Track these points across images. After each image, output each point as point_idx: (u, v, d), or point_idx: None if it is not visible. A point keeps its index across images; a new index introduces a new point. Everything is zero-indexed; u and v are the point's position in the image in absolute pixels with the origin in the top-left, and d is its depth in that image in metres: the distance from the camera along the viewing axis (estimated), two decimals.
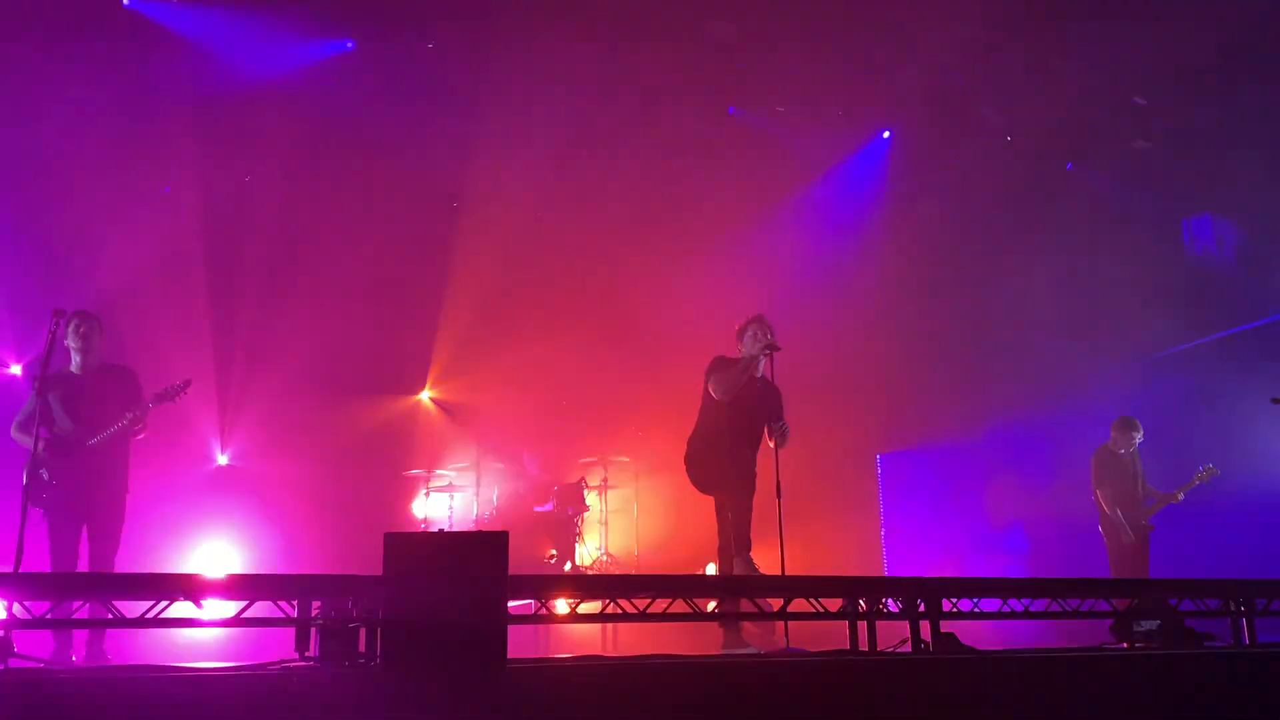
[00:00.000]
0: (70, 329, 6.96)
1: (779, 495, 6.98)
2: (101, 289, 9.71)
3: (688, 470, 7.40)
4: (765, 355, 7.24)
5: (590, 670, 5.02)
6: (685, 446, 7.49)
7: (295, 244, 11.04)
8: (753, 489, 7.22)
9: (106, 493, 6.97)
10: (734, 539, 7.08)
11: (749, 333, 7.38)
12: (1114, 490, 9.74)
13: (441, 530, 9.84)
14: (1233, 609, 6.88)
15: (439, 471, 10.84)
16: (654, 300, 12.21)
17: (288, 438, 10.83)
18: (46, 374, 6.38)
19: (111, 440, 6.95)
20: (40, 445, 6.52)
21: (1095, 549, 9.91)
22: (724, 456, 7.23)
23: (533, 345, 11.70)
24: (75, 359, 7.05)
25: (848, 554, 11.69)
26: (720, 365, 7.34)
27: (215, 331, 10.68)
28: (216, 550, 9.99)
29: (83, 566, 6.91)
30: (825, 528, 11.21)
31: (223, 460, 10.74)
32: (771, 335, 7.29)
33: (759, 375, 7.39)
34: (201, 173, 10.60)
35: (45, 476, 6.70)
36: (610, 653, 8.18)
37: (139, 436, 7.16)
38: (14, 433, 7.07)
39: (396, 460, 11.09)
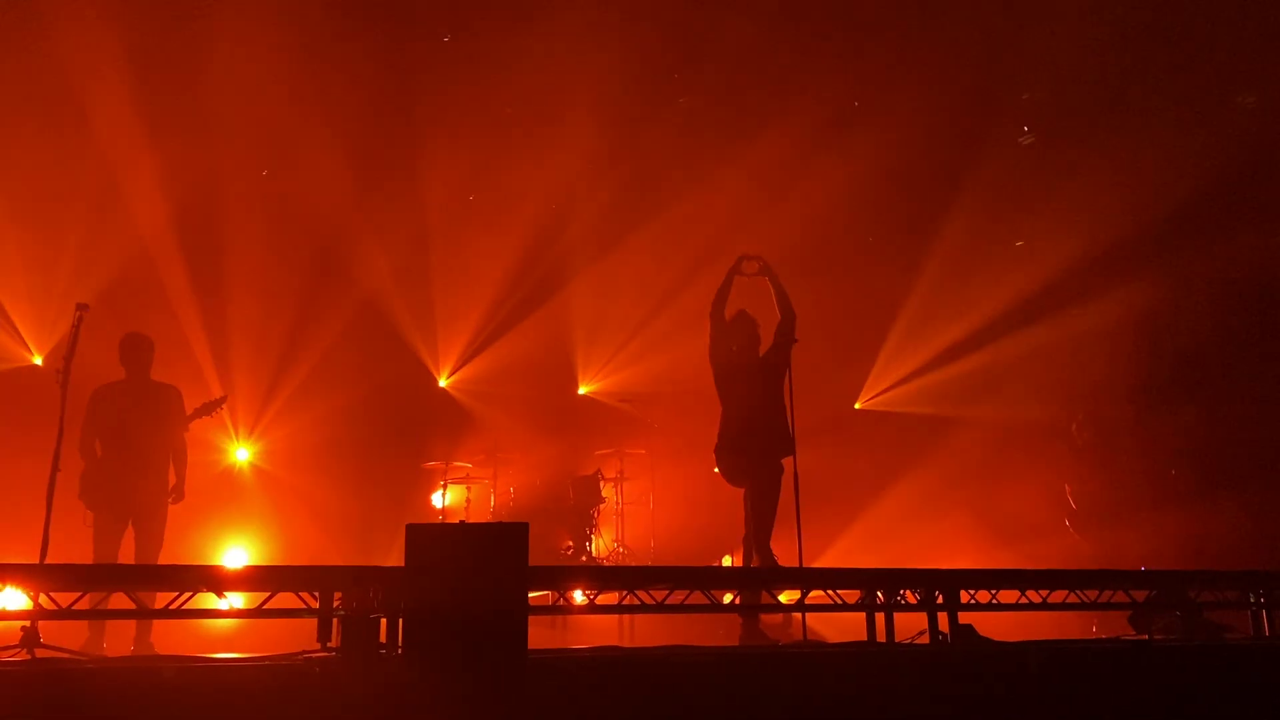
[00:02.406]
0: (124, 349, 7.53)
1: (796, 487, 6.99)
2: (116, 283, 9.78)
3: (717, 461, 7.46)
4: (738, 273, 7.37)
5: (609, 661, 5.04)
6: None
7: (306, 237, 11.06)
8: (771, 481, 7.20)
9: (150, 498, 7.38)
10: (754, 531, 7.11)
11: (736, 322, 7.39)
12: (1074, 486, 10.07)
13: (462, 521, 9.89)
14: (1252, 601, 6.85)
15: (456, 464, 10.88)
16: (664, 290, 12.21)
17: (306, 432, 10.91)
18: (101, 388, 7.24)
19: (154, 449, 7.44)
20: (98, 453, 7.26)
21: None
22: (736, 449, 7.26)
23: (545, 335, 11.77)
24: (128, 375, 7.55)
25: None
26: (713, 353, 7.40)
27: (229, 328, 10.72)
28: (239, 543, 10.07)
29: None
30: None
31: (243, 456, 10.81)
32: (756, 328, 7.38)
33: (757, 358, 7.36)
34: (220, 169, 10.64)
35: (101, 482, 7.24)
36: (628, 644, 8.21)
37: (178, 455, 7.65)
38: (80, 444, 7.41)
39: (414, 453, 11.13)
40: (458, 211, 11.72)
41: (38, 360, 9.98)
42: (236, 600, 5.08)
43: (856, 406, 12.62)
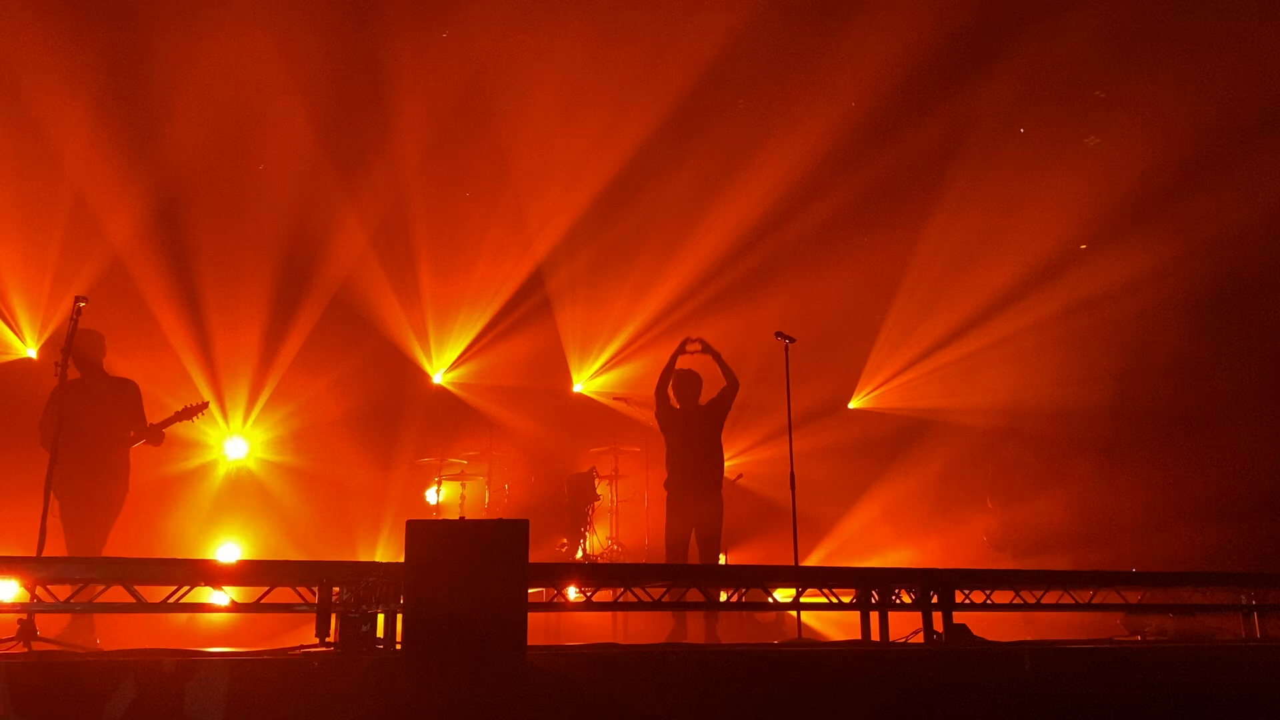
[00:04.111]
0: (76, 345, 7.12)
1: (793, 486, 7.03)
2: (107, 279, 9.77)
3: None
4: (682, 354, 8.21)
5: (607, 657, 5.06)
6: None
7: (297, 233, 11.03)
8: (711, 510, 7.89)
9: (111, 493, 7.23)
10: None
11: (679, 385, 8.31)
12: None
13: (462, 518, 9.90)
14: (1244, 603, 6.90)
15: (451, 460, 10.89)
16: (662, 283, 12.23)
17: (299, 428, 10.91)
18: (61, 384, 6.64)
19: (109, 448, 7.27)
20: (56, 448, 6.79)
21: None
22: (675, 482, 8.09)
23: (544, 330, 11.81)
24: (82, 374, 7.32)
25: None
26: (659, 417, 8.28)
27: (215, 323, 10.71)
28: (232, 539, 10.07)
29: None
30: None
31: (235, 452, 10.80)
32: (700, 382, 8.26)
33: (698, 407, 8.21)
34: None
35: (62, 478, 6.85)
36: (621, 640, 8.23)
37: (156, 446, 7.48)
38: (41, 440, 7.24)
39: (409, 449, 11.14)
40: (454, 205, 11.70)
41: (32, 352, 9.96)
42: (234, 595, 5.08)
43: (851, 405, 12.66)
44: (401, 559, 4.37)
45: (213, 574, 4.98)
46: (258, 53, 9.78)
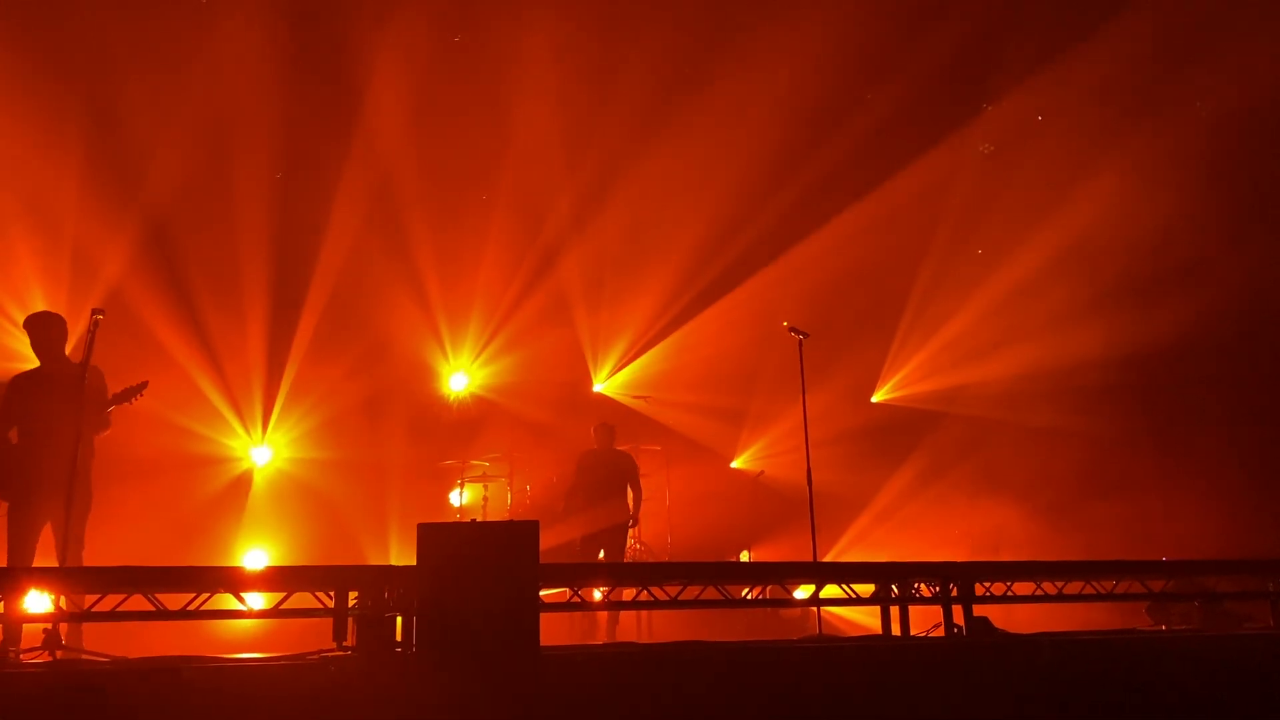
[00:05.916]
0: (30, 332, 6.88)
1: (809, 482, 7.01)
2: (109, 308, 9.81)
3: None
4: None
5: (623, 657, 5.07)
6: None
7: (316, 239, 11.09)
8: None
9: (83, 488, 6.69)
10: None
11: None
12: None
13: (473, 520, 9.93)
14: (1271, 590, 6.81)
15: (473, 462, 10.93)
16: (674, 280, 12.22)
17: (321, 433, 10.98)
18: (17, 376, 6.52)
19: (74, 439, 6.57)
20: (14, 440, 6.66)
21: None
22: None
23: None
24: (42, 361, 6.91)
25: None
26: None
27: (248, 330, 10.75)
28: (257, 545, 10.15)
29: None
30: None
31: (260, 459, 10.87)
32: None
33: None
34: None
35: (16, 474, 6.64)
36: (645, 640, 8.23)
37: (101, 434, 7.01)
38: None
39: (431, 451, 11.18)
40: (462, 203, 11.74)
41: None
42: (253, 601, 5.13)
43: (873, 399, 12.61)
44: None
45: (232, 581, 5.02)
46: (235, 62, 9.83)
